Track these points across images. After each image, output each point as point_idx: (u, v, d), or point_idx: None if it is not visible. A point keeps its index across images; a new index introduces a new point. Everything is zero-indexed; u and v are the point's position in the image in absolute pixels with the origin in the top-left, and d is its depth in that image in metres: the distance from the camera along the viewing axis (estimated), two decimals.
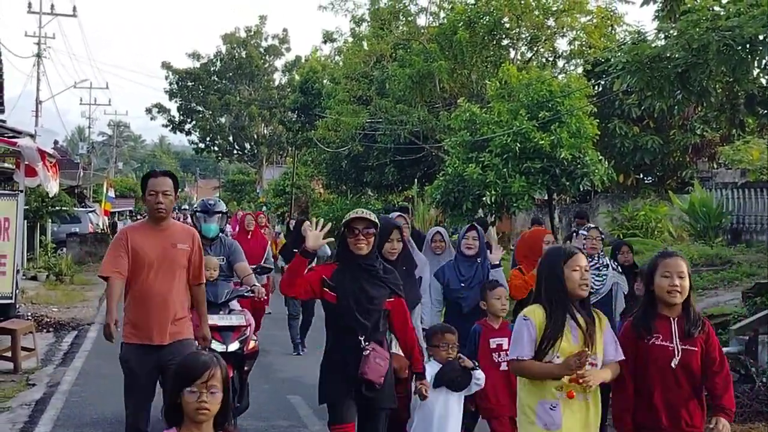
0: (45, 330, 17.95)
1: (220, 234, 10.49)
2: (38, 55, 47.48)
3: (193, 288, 7.95)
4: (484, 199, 21.00)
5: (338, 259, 6.96)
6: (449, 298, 9.48)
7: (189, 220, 34.26)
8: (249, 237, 16.28)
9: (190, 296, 7.97)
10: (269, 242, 17.82)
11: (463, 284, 9.35)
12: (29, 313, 18.72)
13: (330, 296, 6.79)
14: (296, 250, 16.48)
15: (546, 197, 23.55)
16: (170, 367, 6.92)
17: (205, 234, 9.97)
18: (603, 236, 10.56)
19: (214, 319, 9.01)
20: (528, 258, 9.86)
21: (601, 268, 9.93)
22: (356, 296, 6.71)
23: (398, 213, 17.28)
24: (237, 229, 21.23)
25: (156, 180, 7.65)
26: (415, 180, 33.85)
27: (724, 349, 7.45)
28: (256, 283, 10.07)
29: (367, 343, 6.69)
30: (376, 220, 6.88)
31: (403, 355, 7.33)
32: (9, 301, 14.95)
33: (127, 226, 8.33)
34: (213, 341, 8.67)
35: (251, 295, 9.92)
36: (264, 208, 47.31)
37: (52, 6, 48.13)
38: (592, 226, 11.01)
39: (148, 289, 7.64)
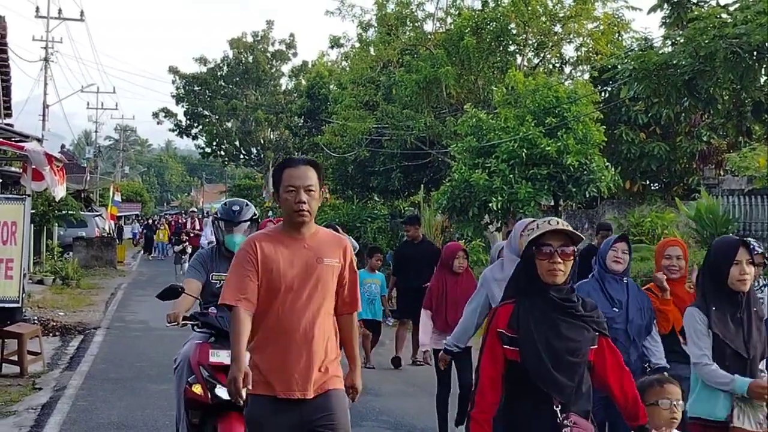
0: (51, 334, 18.01)
1: None
2: (46, 60, 47.59)
3: (341, 318, 5.92)
4: (490, 205, 20.99)
5: (517, 291, 5.04)
6: None
7: (197, 224, 34.04)
8: None
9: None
10: None
11: (615, 308, 7.43)
12: (36, 317, 18.81)
13: (511, 352, 4.92)
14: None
15: (552, 203, 23.54)
16: (317, 430, 5.67)
17: (229, 248, 7.84)
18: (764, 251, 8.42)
19: (222, 356, 7.11)
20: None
21: (764, 289, 8.31)
22: (551, 346, 4.83)
23: (411, 219, 17.20)
24: None
25: (296, 171, 5.71)
26: (422, 185, 33.80)
27: None
28: None
29: (564, 416, 4.86)
30: (577, 234, 5.00)
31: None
32: (16, 305, 14.96)
33: (256, 234, 6.11)
34: (218, 386, 7.01)
35: None
36: (270, 213, 47.33)
37: (60, 10, 48.35)
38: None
39: (286, 321, 5.64)
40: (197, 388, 7.10)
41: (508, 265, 7.61)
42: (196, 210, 47.33)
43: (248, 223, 8.06)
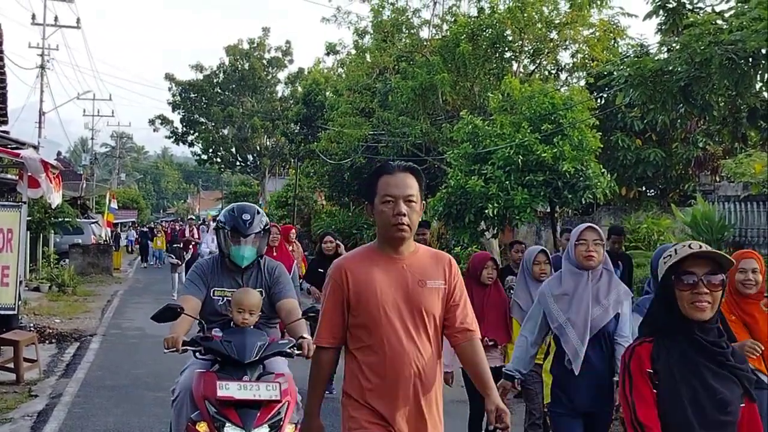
0: (47, 341, 17.99)
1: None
2: (42, 67, 47.53)
3: (459, 348, 4.94)
4: (486, 211, 20.97)
5: (656, 329, 4.16)
6: None
7: (195, 232, 33.68)
8: (274, 255, 12.31)
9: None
10: (295, 261, 14.56)
11: None
12: (32, 324, 18.79)
13: None
14: (321, 270, 12.71)
15: (548, 210, 23.54)
16: None
17: (236, 261, 6.93)
18: None
19: (231, 389, 6.18)
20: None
21: None
22: (696, 398, 3.96)
23: (422, 222, 16.62)
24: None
25: (393, 178, 4.85)
26: None
27: None
28: (305, 334, 6.59)
29: None
30: (726, 257, 4.09)
31: None
32: (12, 312, 14.97)
33: (347, 256, 5.16)
34: (228, 424, 6.11)
35: (297, 353, 6.49)
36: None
37: (56, 18, 48.27)
38: None
39: (393, 360, 4.75)
40: (202, 427, 6.16)
41: (568, 279, 7.11)
42: (194, 217, 46.91)
43: (259, 233, 6.99)
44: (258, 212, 7.05)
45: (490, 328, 9.08)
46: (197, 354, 6.53)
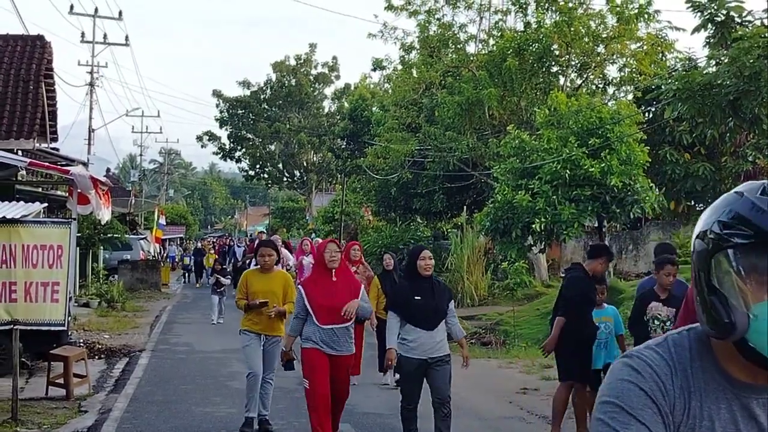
0: (97, 357, 18.10)
1: None
2: (91, 84, 47.97)
3: None
4: (533, 226, 20.91)
5: None
6: None
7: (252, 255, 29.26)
8: (333, 281, 9.89)
9: None
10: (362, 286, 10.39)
11: None
12: (81, 340, 18.91)
13: None
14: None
15: (596, 225, 23.42)
16: None
17: None
18: None
19: None
20: None
21: None
22: None
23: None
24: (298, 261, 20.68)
25: None
26: (464, 207, 33.81)
27: None
28: None
29: None
30: None
31: None
32: (62, 328, 15.05)
33: None
34: None
35: None
36: (313, 235, 47.43)
37: (105, 35, 48.72)
38: None
39: None
40: None
41: None
42: (264, 231, 45.31)
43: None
44: None
45: None
46: None
